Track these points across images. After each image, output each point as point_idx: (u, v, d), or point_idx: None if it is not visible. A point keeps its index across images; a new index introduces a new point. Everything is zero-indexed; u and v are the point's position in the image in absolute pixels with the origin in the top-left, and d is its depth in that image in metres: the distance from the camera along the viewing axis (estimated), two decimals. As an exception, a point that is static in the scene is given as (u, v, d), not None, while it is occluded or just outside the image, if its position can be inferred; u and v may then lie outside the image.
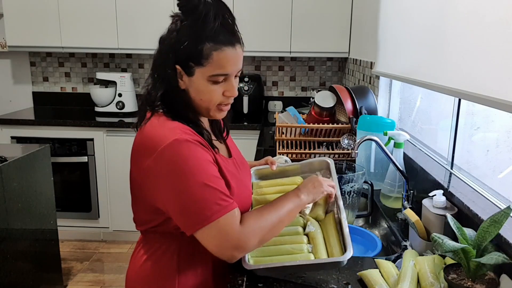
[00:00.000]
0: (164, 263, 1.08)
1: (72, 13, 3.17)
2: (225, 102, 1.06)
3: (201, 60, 0.98)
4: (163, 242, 1.08)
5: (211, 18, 0.96)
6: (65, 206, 3.21)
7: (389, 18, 2.08)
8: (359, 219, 1.64)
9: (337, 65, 3.61)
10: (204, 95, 1.02)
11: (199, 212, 0.93)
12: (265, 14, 3.13)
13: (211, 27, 0.96)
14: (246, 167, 1.25)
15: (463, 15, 1.25)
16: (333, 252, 1.06)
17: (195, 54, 0.98)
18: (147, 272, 1.09)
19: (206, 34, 0.97)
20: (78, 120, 3.15)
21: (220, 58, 0.98)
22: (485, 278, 0.94)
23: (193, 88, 1.02)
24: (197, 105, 1.05)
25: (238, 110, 3.34)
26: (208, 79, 1.00)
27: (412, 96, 2.11)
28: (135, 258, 1.14)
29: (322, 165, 1.37)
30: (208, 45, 0.97)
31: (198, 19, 0.96)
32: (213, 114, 1.08)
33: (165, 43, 1.02)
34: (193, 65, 0.99)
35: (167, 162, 0.94)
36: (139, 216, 1.12)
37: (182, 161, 0.94)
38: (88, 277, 2.88)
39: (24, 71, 3.71)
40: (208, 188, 0.94)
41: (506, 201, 1.16)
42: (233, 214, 0.96)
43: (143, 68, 3.65)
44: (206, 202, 0.93)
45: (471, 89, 1.17)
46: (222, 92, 1.03)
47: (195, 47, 0.97)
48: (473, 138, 1.48)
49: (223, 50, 0.98)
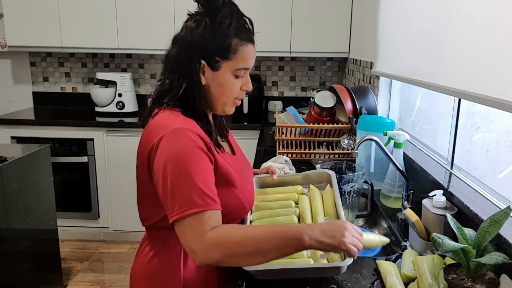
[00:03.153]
0: (171, 259, 1.09)
1: (72, 13, 3.17)
2: (240, 96, 1.13)
3: (229, 55, 1.05)
4: (168, 238, 1.09)
5: (235, 17, 1.05)
6: (65, 206, 3.21)
7: (389, 18, 2.08)
8: (359, 219, 1.64)
9: (337, 65, 3.61)
10: (226, 89, 1.08)
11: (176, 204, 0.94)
12: (265, 14, 3.13)
13: (237, 25, 1.05)
14: (248, 164, 1.27)
15: (463, 15, 1.25)
16: (333, 257, 1.06)
17: (223, 48, 1.04)
18: (153, 268, 1.10)
19: (233, 30, 1.04)
20: (78, 120, 3.15)
21: (245, 53, 1.07)
22: (485, 278, 0.94)
23: (216, 82, 1.07)
24: (216, 100, 1.10)
25: (238, 110, 3.34)
26: (232, 72, 1.07)
27: (412, 96, 2.11)
28: (141, 255, 1.15)
29: (323, 177, 1.36)
30: (235, 41, 1.05)
31: (226, 17, 1.03)
32: (227, 109, 1.13)
33: (187, 40, 1.05)
34: (220, 59, 1.05)
35: (166, 147, 0.97)
36: (144, 211, 1.12)
37: (178, 148, 0.96)
38: (88, 277, 2.88)
39: (24, 71, 3.71)
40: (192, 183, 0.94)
41: (506, 201, 1.16)
42: (206, 216, 0.93)
43: (143, 68, 3.65)
44: (184, 196, 0.93)
45: (471, 89, 1.17)
46: (240, 87, 1.11)
47: (224, 42, 1.04)
48: (473, 138, 1.48)
49: (247, 46, 1.08)
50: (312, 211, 1.20)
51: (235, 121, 3.21)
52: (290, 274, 1.04)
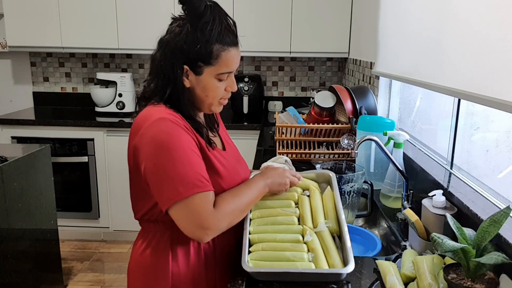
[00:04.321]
0: (160, 250, 1.11)
1: (72, 13, 3.17)
2: (225, 96, 1.15)
3: (211, 60, 1.06)
4: (157, 230, 1.12)
5: (218, 21, 1.05)
6: (65, 206, 3.22)
7: (388, 18, 2.08)
8: (359, 219, 1.64)
9: (337, 65, 3.62)
10: (211, 91, 1.10)
11: (173, 188, 0.98)
12: (265, 14, 3.13)
13: (219, 30, 1.05)
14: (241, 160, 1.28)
15: (463, 15, 1.25)
16: (334, 263, 1.06)
17: (205, 55, 1.06)
18: (146, 259, 1.13)
19: (215, 36, 1.05)
20: (79, 120, 3.15)
21: (228, 58, 1.08)
22: (484, 278, 0.95)
23: (200, 86, 1.09)
24: (201, 101, 1.12)
25: (238, 110, 3.35)
26: (215, 77, 1.09)
27: (411, 96, 2.11)
28: (135, 248, 1.18)
29: (324, 177, 1.36)
30: (217, 47, 1.06)
31: (207, 23, 1.04)
32: (214, 109, 1.16)
33: (171, 45, 1.07)
34: (202, 65, 1.07)
35: (150, 137, 1.01)
36: (135, 204, 1.16)
37: (164, 136, 1.00)
38: (88, 277, 2.89)
39: (24, 71, 3.71)
40: (185, 166, 0.99)
41: (506, 201, 1.16)
42: (207, 196, 1.02)
43: (143, 68, 3.65)
44: (182, 179, 0.98)
45: (471, 89, 1.17)
46: (224, 88, 1.13)
47: (205, 48, 1.05)
48: (472, 138, 1.48)
49: (230, 51, 1.08)
50: (312, 212, 1.20)
51: (235, 121, 3.22)
52: (291, 277, 1.04)
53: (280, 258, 1.06)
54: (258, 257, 1.08)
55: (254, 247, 1.11)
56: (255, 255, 1.09)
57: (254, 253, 1.09)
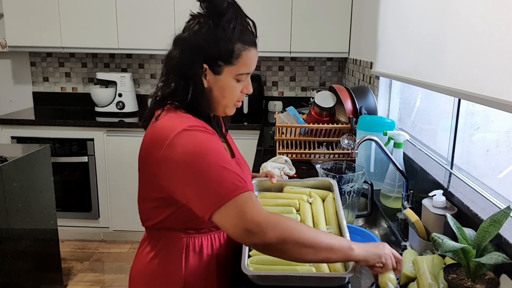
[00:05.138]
0: (172, 259, 1.08)
1: (72, 13, 3.17)
2: (240, 99, 1.12)
3: (232, 60, 1.04)
4: (169, 239, 1.09)
5: (240, 20, 1.03)
6: (65, 206, 3.21)
7: (388, 18, 2.08)
8: (359, 219, 1.64)
9: (337, 65, 3.62)
10: (228, 92, 1.08)
11: (215, 192, 0.93)
12: (265, 14, 3.13)
13: (241, 29, 1.03)
14: (246, 166, 1.27)
15: (463, 15, 1.25)
16: (335, 267, 1.06)
17: (226, 53, 1.03)
18: (154, 269, 1.10)
19: (237, 35, 1.02)
20: (78, 120, 3.15)
21: (248, 58, 1.05)
22: (485, 278, 0.95)
23: (218, 86, 1.06)
24: (217, 103, 1.09)
25: (238, 110, 3.30)
26: (234, 77, 1.06)
27: (411, 96, 2.11)
28: (141, 256, 1.14)
29: (325, 185, 1.36)
30: (238, 45, 1.03)
31: (230, 21, 1.01)
32: (228, 111, 1.13)
33: (190, 43, 1.03)
34: (223, 64, 1.04)
35: (181, 147, 0.95)
36: (146, 212, 1.11)
37: (196, 144, 0.96)
38: (88, 277, 2.89)
39: (24, 71, 3.71)
40: (223, 169, 0.94)
41: (506, 201, 1.16)
42: (251, 195, 0.94)
43: (143, 68, 3.65)
44: (222, 182, 0.93)
45: (471, 89, 1.17)
46: (241, 90, 1.10)
47: (227, 47, 1.02)
48: (473, 138, 1.48)
49: (250, 50, 1.06)
50: (313, 218, 1.19)
51: (235, 121, 3.21)
52: (291, 281, 1.03)
53: (280, 262, 1.06)
54: (259, 261, 1.08)
55: (254, 251, 1.10)
56: (255, 259, 1.08)
57: (255, 257, 1.08)
